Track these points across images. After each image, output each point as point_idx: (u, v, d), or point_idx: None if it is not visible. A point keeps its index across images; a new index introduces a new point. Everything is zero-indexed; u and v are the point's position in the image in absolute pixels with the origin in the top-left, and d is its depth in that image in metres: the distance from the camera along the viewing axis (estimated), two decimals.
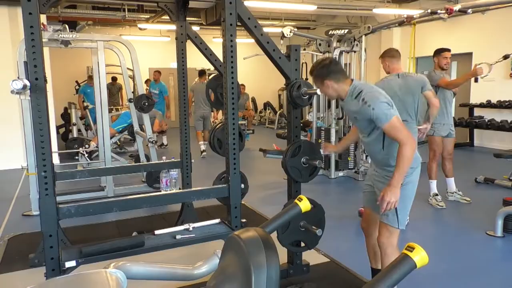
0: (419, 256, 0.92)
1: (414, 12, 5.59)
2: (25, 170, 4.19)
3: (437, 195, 4.38)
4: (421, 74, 4.30)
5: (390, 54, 3.62)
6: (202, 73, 7.97)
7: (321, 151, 2.69)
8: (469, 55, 8.06)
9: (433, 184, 4.40)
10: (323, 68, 2.23)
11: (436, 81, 4.18)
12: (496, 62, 4.33)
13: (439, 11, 4.59)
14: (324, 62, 2.27)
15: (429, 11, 4.78)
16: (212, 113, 10.15)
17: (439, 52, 4.32)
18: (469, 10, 4.51)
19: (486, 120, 7.64)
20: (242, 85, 9.55)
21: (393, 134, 2.08)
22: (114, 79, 10.03)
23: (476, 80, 5.03)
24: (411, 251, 0.92)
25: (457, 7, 4.41)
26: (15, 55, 4.67)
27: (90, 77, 7.50)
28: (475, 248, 3.35)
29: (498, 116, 7.61)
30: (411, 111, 3.51)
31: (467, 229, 3.73)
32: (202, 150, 7.56)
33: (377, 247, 2.37)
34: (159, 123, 7.54)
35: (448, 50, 4.34)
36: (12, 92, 2.05)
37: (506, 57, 4.39)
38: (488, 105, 7.76)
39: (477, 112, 8.06)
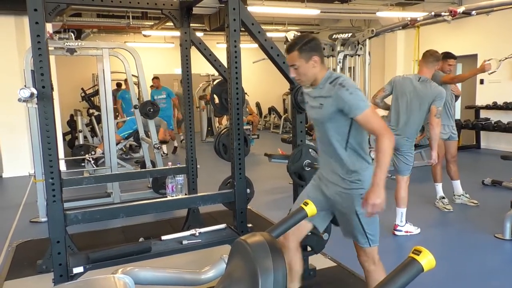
0: (426, 260, 0.91)
1: (417, 14, 5.59)
2: (32, 177, 4.22)
3: (443, 198, 4.35)
4: (435, 72, 4.26)
5: (423, 55, 3.61)
6: None
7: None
8: (473, 57, 8.03)
9: (439, 187, 4.37)
10: (312, 42, 1.94)
11: (440, 79, 4.12)
12: (506, 58, 4.27)
13: (443, 14, 4.59)
14: (312, 37, 1.99)
15: (433, 13, 4.78)
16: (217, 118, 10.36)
17: (444, 57, 4.25)
18: (473, 12, 4.51)
19: (493, 122, 7.59)
20: None
21: (369, 125, 1.85)
22: (118, 85, 10.09)
23: (481, 82, 5.01)
24: (418, 255, 0.92)
25: (461, 9, 4.41)
26: (21, 64, 4.74)
27: (126, 81, 7.17)
28: (483, 251, 3.32)
29: (505, 117, 7.56)
30: (411, 119, 3.47)
31: (475, 232, 3.70)
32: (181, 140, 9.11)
33: (292, 264, 2.16)
34: (163, 132, 7.60)
35: (454, 58, 4.26)
36: (19, 100, 2.08)
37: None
38: (495, 106, 7.72)
39: (483, 114, 8.01)
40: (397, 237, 3.61)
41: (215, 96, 3.56)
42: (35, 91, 2.01)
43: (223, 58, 2.87)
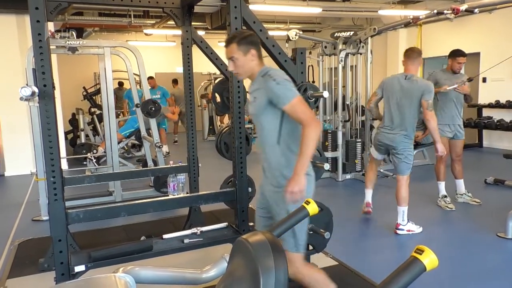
0: (429, 259, 0.90)
1: (420, 12, 5.57)
2: (34, 175, 4.23)
3: (446, 196, 4.33)
4: (435, 71, 4.26)
5: (405, 54, 3.68)
6: (175, 80, 10.15)
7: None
8: (476, 55, 8.00)
9: (441, 185, 4.35)
10: (251, 36, 2.00)
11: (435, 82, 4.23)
12: (462, 83, 4.23)
13: (445, 12, 4.57)
14: (250, 33, 2.05)
15: (435, 11, 4.76)
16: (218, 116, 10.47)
17: (453, 55, 4.23)
18: (476, 10, 4.49)
19: (495, 121, 7.56)
20: None
21: (296, 114, 1.86)
22: (120, 84, 10.11)
23: (484, 80, 4.99)
24: (420, 254, 0.91)
25: (463, 7, 4.39)
26: (23, 62, 4.74)
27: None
28: (485, 251, 3.30)
29: (507, 116, 7.53)
30: (404, 117, 3.53)
31: (477, 231, 3.68)
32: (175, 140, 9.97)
33: None
34: (171, 114, 7.64)
35: (463, 55, 4.22)
36: (21, 99, 2.08)
37: (470, 79, 4.35)
38: (497, 105, 7.69)
39: (485, 112, 7.98)
40: (399, 236, 3.60)
41: (216, 94, 3.56)
42: (36, 90, 2.01)
43: (224, 56, 2.86)
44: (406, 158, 3.57)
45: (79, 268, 2.10)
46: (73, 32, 4.53)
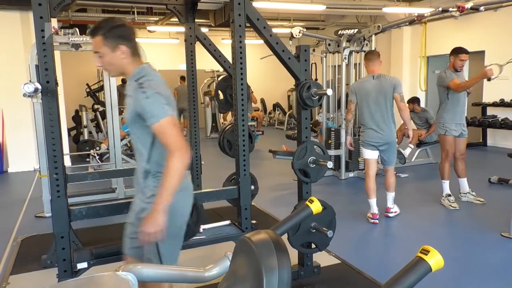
0: (434, 260, 0.89)
1: (424, 10, 5.53)
2: (37, 172, 4.24)
3: (450, 195, 4.31)
4: (447, 70, 4.22)
5: (367, 57, 3.95)
6: (183, 77, 10.01)
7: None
8: (481, 53, 7.94)
9: (446, 184, 4.34)
10: (120, 28, 1.64)
11: (447, 82, 4.12)
12: (508, 62, 4.21)
13: (450, 9, 4.54)
14: (121, 23, 1.67)
15: (440, 9, 4.73)
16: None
17: (456, 52, 4.18)
18: (481, 8, 4.45)
19: (500, 119, 7.51)
20: None
21: (163, 137, 1.57)
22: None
23: (489, 79, 4.94)
24: (426, 254, 0.90)
25: (469, 5, 4.35)
26: (27, 59, 4.74)
27: None
28: (489, 250, 3.28)
29: None
30: (384, 113, 3.76)
31: (481, 231, 3.66)
32: None
33: None
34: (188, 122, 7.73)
35: (466, 52, 4.16)
36: (24, 95, 2.08)
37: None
38: (502, 104, 7.64)
39: (490, 111, 7.93)
40: (403, 235, 3.59)
41: (219, 92, 3.55)
42: (39, 86, 2.01)
43: (228, 54, 2.86)
44: (395, 150, 3.89)
45: (82, 265, 2.10)
46: (77, 29, 4.52)
